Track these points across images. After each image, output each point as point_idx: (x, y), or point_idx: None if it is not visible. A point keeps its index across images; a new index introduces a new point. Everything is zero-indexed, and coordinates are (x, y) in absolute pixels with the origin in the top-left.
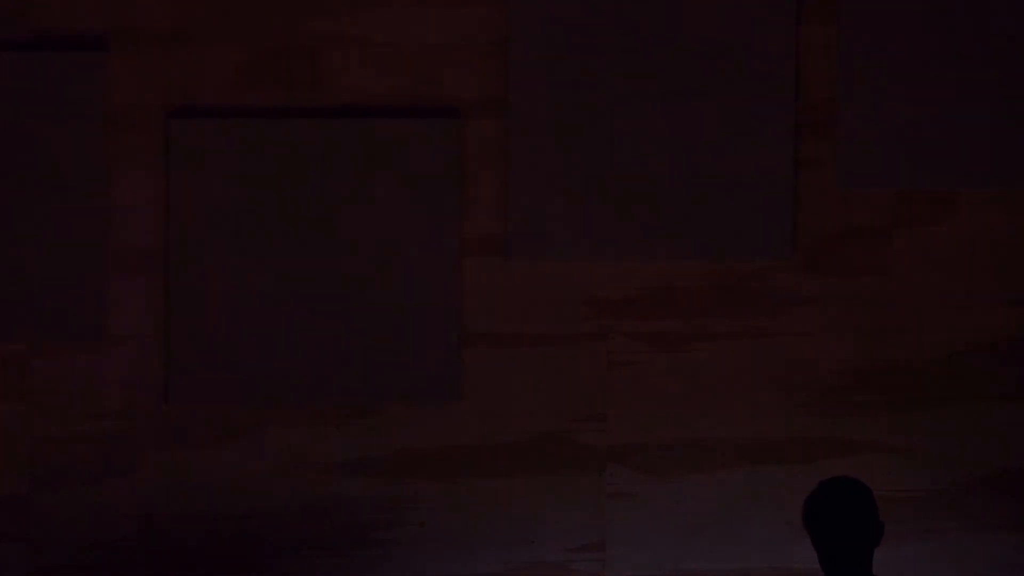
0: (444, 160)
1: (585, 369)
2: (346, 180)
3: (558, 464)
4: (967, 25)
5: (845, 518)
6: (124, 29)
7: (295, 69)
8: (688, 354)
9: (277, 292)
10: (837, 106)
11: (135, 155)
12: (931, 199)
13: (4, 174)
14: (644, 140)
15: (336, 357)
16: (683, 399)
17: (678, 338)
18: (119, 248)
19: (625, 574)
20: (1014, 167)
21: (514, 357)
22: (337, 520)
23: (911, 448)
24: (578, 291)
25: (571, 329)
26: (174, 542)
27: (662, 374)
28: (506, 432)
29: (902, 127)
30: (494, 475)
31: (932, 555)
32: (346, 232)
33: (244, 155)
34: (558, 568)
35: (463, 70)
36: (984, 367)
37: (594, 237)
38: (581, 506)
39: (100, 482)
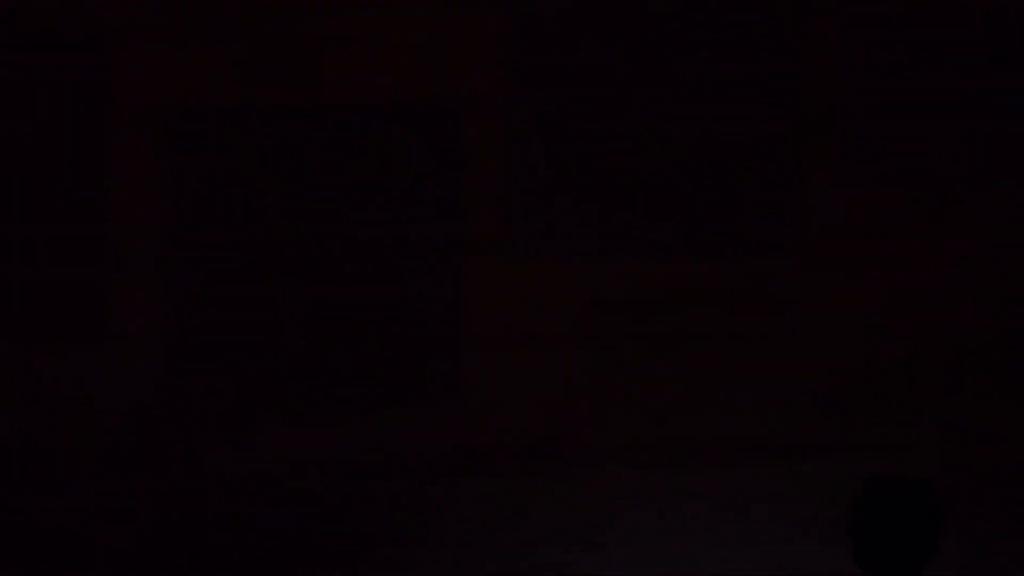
0: (444, 160)
1: (585, 369)
2: (346, 180)
3: (558, 464)
4: (968, 26)
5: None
6: (124, 29)
7: (295, 69)
8: (688, 354)
9: (277, 292)
10: (838, 106)
11: (136, 154)
12: (931, 199)
13: (5, 174)
14: (645, 140)
15: (336, 357)
16: (683, 399)
17: (678, 338)
18: (119, 248)
19: (625, 574)
20: (1014, 167)
21: (514, 357)
22: (338, 520)
23: (911, 448)
24: (578, 291)
25: (571, 329)
26: (174, 542)
27: (662, 374)
28: (506, 432)
29: (903, 127)
30: (494, 475)
31: None
32: (346, 232)
33: (244, 155)
34: (558, 568)
35: (463, 70)
36: (984, 367)
37: (594, 237)
38: (581, 506)
39: (101, 482)
